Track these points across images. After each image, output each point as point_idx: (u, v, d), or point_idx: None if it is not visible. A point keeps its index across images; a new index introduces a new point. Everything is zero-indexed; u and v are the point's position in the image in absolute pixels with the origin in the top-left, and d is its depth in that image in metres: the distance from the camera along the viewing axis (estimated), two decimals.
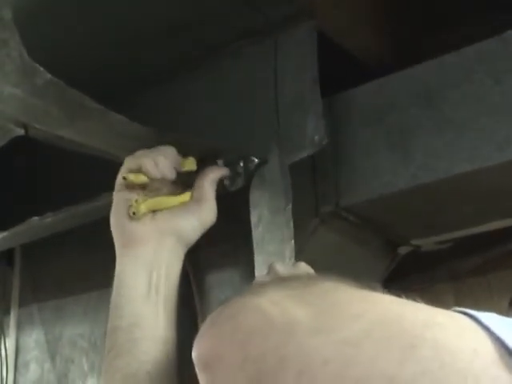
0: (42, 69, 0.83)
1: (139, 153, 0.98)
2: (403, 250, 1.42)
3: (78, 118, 0.92)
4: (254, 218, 1.11)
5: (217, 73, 1.24)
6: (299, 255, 1.21)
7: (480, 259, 1.50)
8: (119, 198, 1.02)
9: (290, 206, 1.09)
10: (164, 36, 1.23)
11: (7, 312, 1.57)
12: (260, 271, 1.09)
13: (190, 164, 1.06)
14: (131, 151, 1.01)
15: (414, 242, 1.40)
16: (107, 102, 0.94)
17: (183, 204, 1.05)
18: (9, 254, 1.59)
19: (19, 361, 1.52)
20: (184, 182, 1.07)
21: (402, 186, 1.17)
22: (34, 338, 1.51)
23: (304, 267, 0.92)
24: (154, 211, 1.02)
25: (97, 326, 1.43)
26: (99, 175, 1.26)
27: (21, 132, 0.93)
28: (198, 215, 1.06)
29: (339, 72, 1.25)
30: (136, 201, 0.99)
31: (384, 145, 1.19)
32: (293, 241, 1.08)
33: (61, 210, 1.21)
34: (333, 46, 1.23)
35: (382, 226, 1.33)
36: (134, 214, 0.99)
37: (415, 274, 1.61)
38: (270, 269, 0.90)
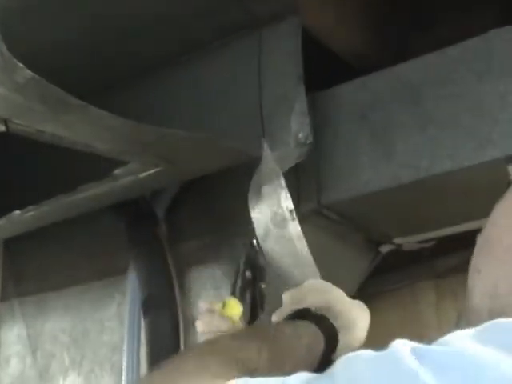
0: (22, 66, 0.82)
1: None
2: (385, 249, 1.42)
3: (60, 112, 0.91)
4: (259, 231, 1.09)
5: (202, 68, 1.23)
6: None
7: (461, 257, 1.51)
8: None
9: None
10: (150, 31, 1.23)
11: None
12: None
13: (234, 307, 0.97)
14: (112, 144, 1.02)
15: (396, 240, 1.40)
16: (91, 99, 0.93)
17: None
18: None
19: (0, 355, 1.51)
20: None
21: (384, 185, 1.17)
22: (15, 333, 1.51)
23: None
24: None
25: (78, 321, 1.43)
26: (80, 168, 1.27)
27: (1, 128, 0.93)
28: None
29: (323, 69, 1.25)
30: None
31: (366, 142, 1.19)
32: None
33: (42, 203, 1.20)
34: (318, 43, 1.23)
35: (363, 223, 1.33)
36: None
37: (397, 271, 1.62)
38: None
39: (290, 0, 1.14)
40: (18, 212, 1.22)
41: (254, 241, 1.06)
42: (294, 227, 1.05)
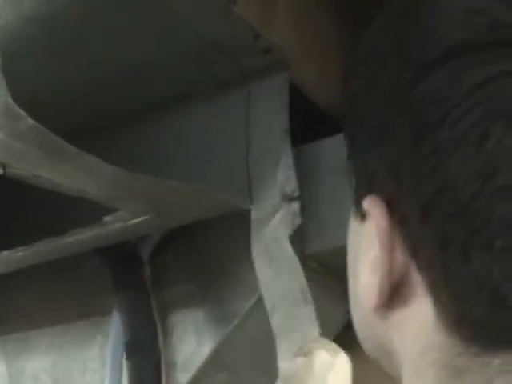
0: (25, 114, 0.86)
1: None
2: None
3: (57, 159, 0.95)
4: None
5: (188, 119, 1.27)
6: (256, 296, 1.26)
7: None
8: None
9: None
10: (136, 79, 1.26)
11: None
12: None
13: None
14: (104, 191, 1.05)
15: None
16: (79, 144, 0.97)
17: None
18: None
19: None
20: None
21: None
22: None
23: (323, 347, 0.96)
24: None
25: (60, 360, 1.44)
26: (71, 211, 1.30)
27: None
28: None
29: (306, 122, 1.29)
30: None
31: (349, 196, 1.23)
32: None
33: (31, 245, 1.23)
34: (302, 97, 1.28)
35: (344, 274, 1.36)
36: None
37: None
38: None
39: (279, 55, 1.19)
40: (6, 252, 1.25)
41: None
42: (307, 310, 1.10)
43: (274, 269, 1.16)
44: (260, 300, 1.28)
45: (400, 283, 0.48)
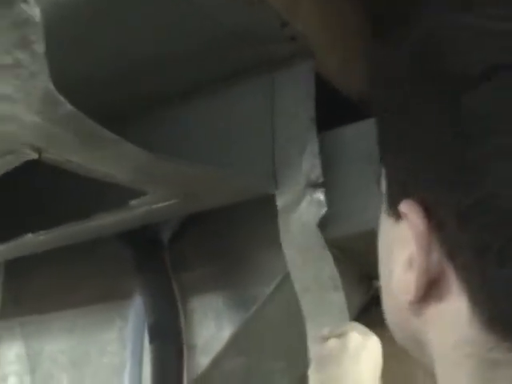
0: (64, 100, 0.87)
1: None
2: (377, 283, 1.47)
3: (91, 145, 0.96)
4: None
5: (215, 106, 1.28)
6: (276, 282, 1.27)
7: None
8: None
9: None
10: (163, 67, 1.27)
11: None
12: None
13: None
14: (134, 176, 1.06)
15: None
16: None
17: None
18: None
19: None
20: None
21: None
22: (14, 352, 1.53)
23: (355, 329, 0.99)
24: None
25: (78, 343, 1.46)
26: (93, 195, 1.31)
27: (35, 156, 0.97)
28: None
29: (330, 109, 1.31)
30: None
31: (372, 182, 1.25)
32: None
33: (55, 229, 1.24)
34: (325, 84, 1.29)
35: (361, 259, 1.39)
36: None
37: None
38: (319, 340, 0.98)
39: (304, 44, 1.20)
40: (30, 235, 1.26)
41: None
42: (338, 297, 1.12)
43: (304, 256, 1.18)
44: (280, 286, 1.30)
45: (435, 281, 0.51)
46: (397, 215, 0.53)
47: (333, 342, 0.97)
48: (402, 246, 0.52)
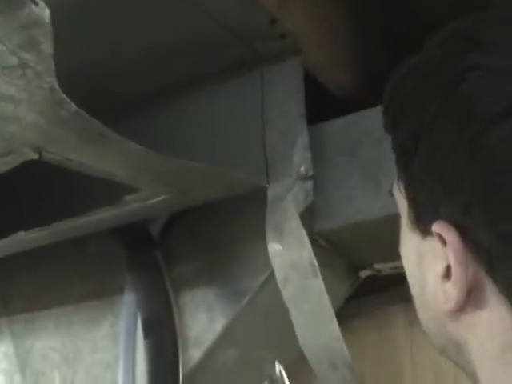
0: (68, 100, 0.88)
1: None
2: (365, 274, 1.51)
3: (93, 144, 0.97)
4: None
5: (205, 102, 1.30)
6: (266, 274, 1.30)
7: None
8: None
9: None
10: (152, 62, 1.28)
11: None
12: None
13: None
14: (132, 173, 1.08)
15: (376, 266, 1.49)
16: None
17: None
18: None
19: None
20: None
21: (373, 214, 1.26)
22: (2, 350, 1.53)
23: None
24: None
25: (69, 340, 1.46)
26: (87, 191, 1.31)
27: (35, 156, 0.97)
28: None
29: (315, 104, 1.33)
30: None
31: (357, 175, 1.28)
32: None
33: (49, 226, 1.24)
34: (310, 79, 1.31)
35: (348, 250, 1.42)
36: None
37: (370, 296, 1.70)
38: None
39: (292, 40, 1.22)
40: (22, 233, 1.26)
41: (279, 369, 1.16)
42: (317, 283, 1.14)
43: (284, 243, 1.20)
44: (270, 277, 1.32)
45: (472, 291, 0.57)
46: (425, 232, 0.60)
47: None
48: (433, 259, 0.60)
